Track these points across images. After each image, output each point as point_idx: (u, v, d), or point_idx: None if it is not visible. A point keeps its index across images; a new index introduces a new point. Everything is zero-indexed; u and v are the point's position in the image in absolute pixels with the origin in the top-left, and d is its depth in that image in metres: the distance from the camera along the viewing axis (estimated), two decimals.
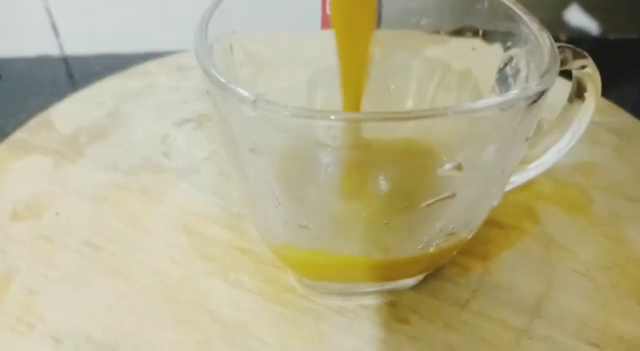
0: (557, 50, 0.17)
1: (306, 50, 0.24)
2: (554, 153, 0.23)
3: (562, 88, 0.22)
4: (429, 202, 0.17)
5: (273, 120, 0.15)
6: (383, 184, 0.17)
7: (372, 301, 0.23)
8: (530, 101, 0.16)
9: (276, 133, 0.16)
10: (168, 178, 0.29)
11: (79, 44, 0.45)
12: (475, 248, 0.25)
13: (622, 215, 0.27)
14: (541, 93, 0.16)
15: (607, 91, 0.22)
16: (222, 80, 0.16)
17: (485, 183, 0.18)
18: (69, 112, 0.33)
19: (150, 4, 0.43)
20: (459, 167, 0.16)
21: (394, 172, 0.16)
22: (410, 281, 0.23)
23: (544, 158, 0.23)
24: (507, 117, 0.16)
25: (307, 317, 0.22)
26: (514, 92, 0.16)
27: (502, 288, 0.23)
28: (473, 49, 0.22)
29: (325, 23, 0.24)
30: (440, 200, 0.17)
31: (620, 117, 0.32)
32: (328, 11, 0.22)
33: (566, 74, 0.21)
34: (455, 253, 0.22)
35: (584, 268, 0.24)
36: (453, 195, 0.17)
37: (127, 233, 0.26)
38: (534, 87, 0.16)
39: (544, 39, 0.18)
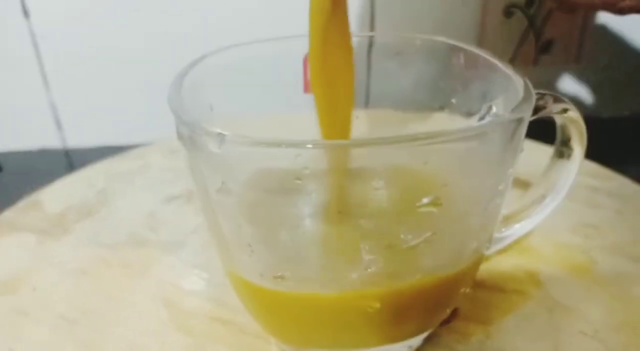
0: (531, 86, 0.17)
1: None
2: (546, 205, 0.22)
3: (546, 153, 0.22)
4: (409, 244, 0.16)
5: (240, 154, 0.15)
6: (361, 221, 0.16)
7: None
8: (506, 130, 0.15)
9: (245, 169, 0.15)
10: (152, 252, 0.28)
11: (81, 137, 0.47)
12: (476, 314, 0.23)
13: (627, 275, 0.25)
14: (517, 122, 0.16)
15: None
16: (189, 119, 0.15)
17: (466, 221, 0.17)
18: (58, 193, 0.33)
19: (152, 97, 0.44)
20: (436, 203, 0.16)
21: (371, 208, 0.16)
22: (407, 343, 0.21)
23: (535, 212, 0.22)
24: (482, 147, 0.15)
25: None
26: (488, 120, 0.15)
27: None
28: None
29: (307, 87, 0.24)
30: (421, 241, 0.16)
31: (619, 181, 0.32)
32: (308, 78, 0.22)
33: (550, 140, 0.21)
34: (447, 310, 0.20)
35: (592, 329, 0.22)
36: (433, 234, 0.16)
37: (104, 306, 0.24)
38: (508, 115, 0.15)
39: (518, 79, 0.18)
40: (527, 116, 0.16)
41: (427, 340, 0.22)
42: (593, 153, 0.26)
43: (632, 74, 0.46)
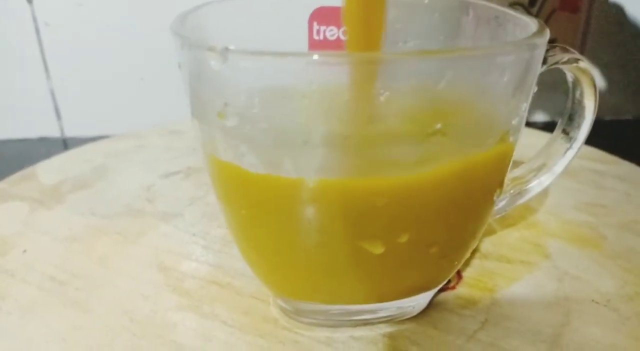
0: (544, 25, 0.17)
1: None
2: (559, 161, 0.21)
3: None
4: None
5: (244, 70, 0.14)
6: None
7: (365, 332, 0.20)
8: (521, 55, 0.15)
9: (249, 88, 0.15)
10: (148, 221, 0.27)
11: (80, 126, 0.46)
12: (481, 282, 0.22)
13: (638, 249, 0.24)
14: (531, 49, 0.15)
15: None
16: (191, 37, 0.15)
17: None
18: (55, 167, 0.32)
19: (152, 87, 0.44)
20: (444, 131, 0.15)
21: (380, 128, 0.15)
22: (410, 303, 0.20)
23: (551, 163, 0.21)
24: (496, 70, 0.15)
25: (290, 350, 0.19)
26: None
27: (514, 319, 0.20)
28: None
29: (313, 46, 0.24)
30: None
31: (625, 166, 0.31)
32: None
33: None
34: (457, 265, 0.19)
35: (604, 299, 0.21)
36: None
37: (95, 270, 0.23)
38: (523, 39, 0.15)
39: (532, 19, 0.17)
40: (542, 45, 0.16)
41: (430, 305, 0.21)
42: None
43: (634, 76, 0.46)
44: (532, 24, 0.17)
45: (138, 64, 0.44)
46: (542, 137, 0.29)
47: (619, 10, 0.44)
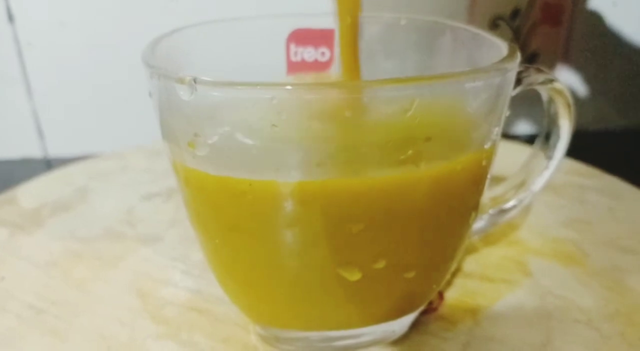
0: (516, 47, 0.17)
1: None
2: (536, 180, 0.21)
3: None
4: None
5: (213, 100, 0.14)
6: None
7: None
8: (492, 81, 0.15)
9: (218, 119, 0.14)
10: (128, 245, 0.27)
11: (62, 146, 0.46)
12: (463, 302, 0.22)
13: (621, 267, 0.24)
14: (502, 73, 0.15)
15: None
16: (160, 67, 0.15)
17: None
18: (35, 190, 0.32)
19: (135, 108, 0.44)
20: (416, 158, 0.15)
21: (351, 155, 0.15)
22: (390, 327, 0.20)
23: (529, 182, 0.21)
24: (468, 96, 0.15)
25: None
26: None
27: (496, 341, 0.20)
28: None
29: (291, 69, 0.24)
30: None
31: (608, 180, 0.31)
32: None
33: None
34: (436, 288, 0.19)
35: (586, 318, 0.21)
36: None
37: (74, 296, 0.23)
38: (494, 64, 0.15)
39: (505, 43, 0.18)
40: (512, 69, 0.16)
41: (412, 328, 0.21)
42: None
43: (616, 88, 0.46)
44: (504, 47, 0.17)
45: (121, 83, 0.44)
46: (525, 151, 0.29)
47: (601, 22, 0.44)
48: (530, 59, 0.45)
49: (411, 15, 0.22)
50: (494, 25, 0.44)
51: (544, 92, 0.20)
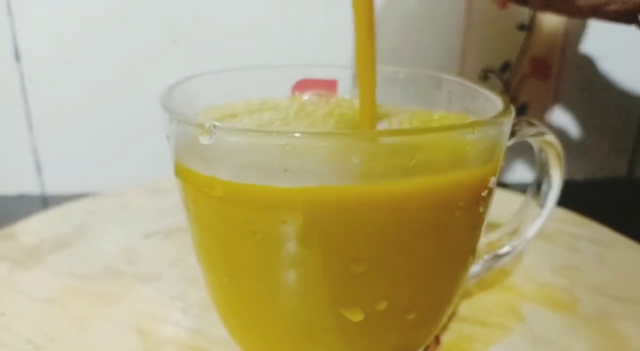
0: (510, 103, 0.18)
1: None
2: (529, 227, 0.22)
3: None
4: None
5: (231, 145, 0.15)
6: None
7: None
8: (488, 134, 0.16)
9: (234, 161, 0.15)
10: (127, 283, 0.27)
11: (60, 183, 0.46)
12: (458, 346, 0.23)
13: (611, 312, 0.25)
14: (497, 127, 0.16)
15: None
16: (180, 112, 0.16)
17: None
18: (34, 226, 0.32)
19: (136, 147, 0.45)
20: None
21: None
22: None
23: (523, 229, 0.22)
24: (463, 150, 0.16)
25: None
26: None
27: None
28: None
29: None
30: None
31: (599, 229, 0.32)
32: None
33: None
34: (434, 331, 0.20)
35: None
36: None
37: (72, 333, 0.23)
38: (490, 119, 0.16)
39: (499, 98, 0.19)
40: (508, 123, 0.17)
41: None
42: None
43: (608, 137, 0.47)
44: (498, 101, 0.18)
45: (123, 123, 0.44)
46: (518, 199, 0.30)
47: (589, 75, 0.46)
48: (520, 111, 0.46)
49: (408, 69, 0.24)
50: (484, 77, 0.46)
51: (535, 144, 0.21)
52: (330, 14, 0.42)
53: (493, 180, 0.17)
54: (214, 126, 0.15)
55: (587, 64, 0.46)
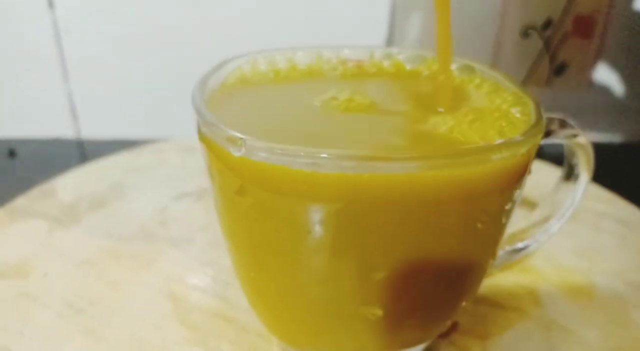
0: (542, 111, 0.18)
1: None
2: (550, 227, 0.22)
3: (555, 175, 0.22)
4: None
5: (259, 158, 0.15)
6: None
7: None
8: (516, 152, 0.16)
9: (263, 171, 0.16)
10: (160, 246, 0.28)
11: (95, 128, 0.47)
12: (474, 328, 0.24)
13: (627, 300, 0.25)
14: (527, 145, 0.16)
15: None
16: (212, 121, 0.16)
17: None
18: (73, 183, 0.33)
19: (170, 94, 0.45)
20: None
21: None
22: None
23: (539, 232, 0.23)
24: (491, 167, 0.16)
25: None
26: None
27: None
28: None
29: None
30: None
31: (626, 208, 0.32)
32: None
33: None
34: (453, 318, 0.21)
35: None
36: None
37: (110, 297, 0.25)
38: (519, 138, 0.16)
39: (530, 102, 0.18)
40: (537, 141, 0.16)
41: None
42: (603, 178, 0.26)
43: None
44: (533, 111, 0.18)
45: (157, 69, 0.45)
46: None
47: (635, 35, 0.44)
48: (559, 70, 0.45)
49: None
50: (524, 34, 0.44)
51: (566, 144, 0.20)
52: None
53: (518, 192, 0.17)
54: (245, 141, 0.15)
55: (633, 23, 0.43)
